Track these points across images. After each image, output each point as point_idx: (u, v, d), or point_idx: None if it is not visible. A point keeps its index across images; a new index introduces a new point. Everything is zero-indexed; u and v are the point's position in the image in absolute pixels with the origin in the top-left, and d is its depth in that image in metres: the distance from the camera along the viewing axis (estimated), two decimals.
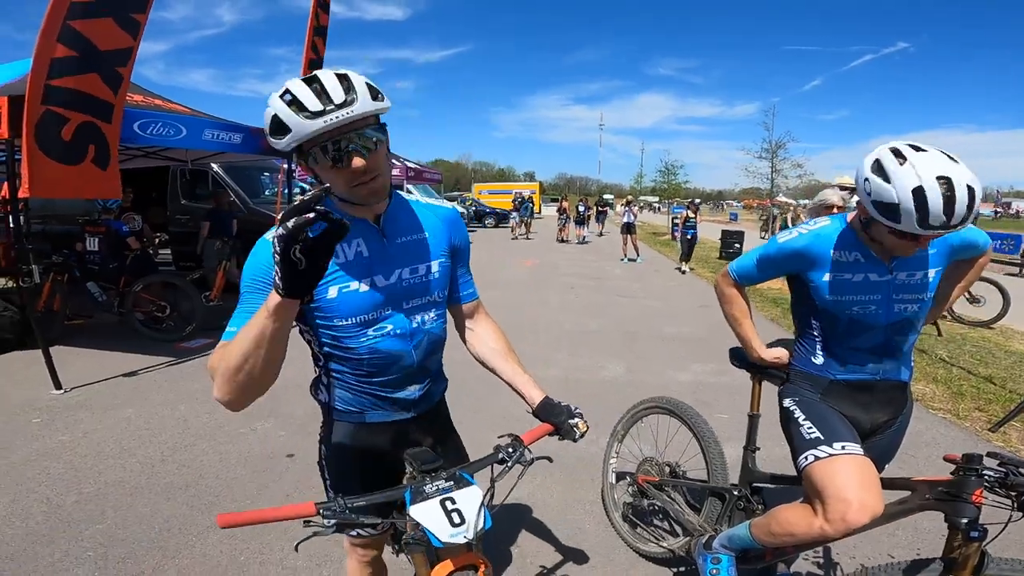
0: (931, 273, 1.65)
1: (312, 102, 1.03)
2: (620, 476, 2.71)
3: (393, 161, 13.38)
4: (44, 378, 4.32)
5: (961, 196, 1.32)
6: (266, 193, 9.08)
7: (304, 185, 9.73)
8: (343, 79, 1.06)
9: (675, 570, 2.36)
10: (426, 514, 1.07)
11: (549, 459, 1.35)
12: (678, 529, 2.47)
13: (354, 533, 1.43)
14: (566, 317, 7.34)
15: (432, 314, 1.32)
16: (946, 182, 1.33)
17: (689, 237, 12.67)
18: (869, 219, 1.53)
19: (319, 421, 1.48)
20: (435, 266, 1.31)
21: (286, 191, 7.54)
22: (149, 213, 8.04)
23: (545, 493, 2.97)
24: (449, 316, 1.46)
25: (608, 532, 2.62)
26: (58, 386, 4.32)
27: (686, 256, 12.84)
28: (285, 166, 7.38)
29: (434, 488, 1.11)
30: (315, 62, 6.80)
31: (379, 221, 1.24)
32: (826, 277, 1.67)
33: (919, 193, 1.33)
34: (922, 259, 1.64)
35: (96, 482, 3.02)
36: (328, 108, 1.03)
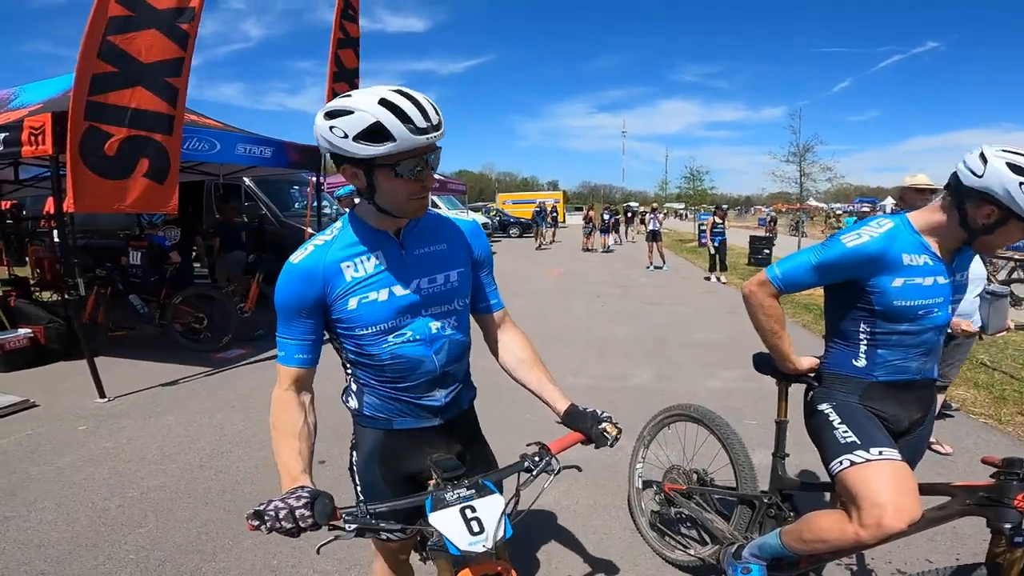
0: (968, 273, 1.68)
1: (419, 118, 1.10)
2: (647, 484, 2.68)
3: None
4: (89, 387, 4.51)
5: None
6: (295, 207, 9.33)
7: (329, 199, 9.93)
8: (432, 103, 1.14)
9: None
10: (445, 522, 1.07)
11: (578, 468, 1.33)
12: (707, 537, 2.44)
13: (383, 537, 1.46)
14: (593, 325, 7.32)
15: (453, 321, 1.35)
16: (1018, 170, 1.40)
17: (717, 245, 11.96)
18: (997, 222, 1.48)
19: (346, 429, 1.52)
20: (454, 275, 1.34)
21: (315, 204, 7.72)
22: (186, 227, 8.33)
23: (571, 499, 2.97)
24: (477, 326, 1.49)
25: (634, 538, 2.60)
26: (102, 395, 4.50)
27: (719, 265, 12.04)
28: (314, 179, 7.55)
29: (455, 496, 1.12)
30: (340, 74, 6.77)
31: (399, 234, 1.29)
32: (897, 282, 1.59)
33: None
34: (969, 257, 1.66)
35: (139, 487, 3.14)
36: (429, 127, 1.11)
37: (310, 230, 7.56)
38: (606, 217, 20.16)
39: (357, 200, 1.47)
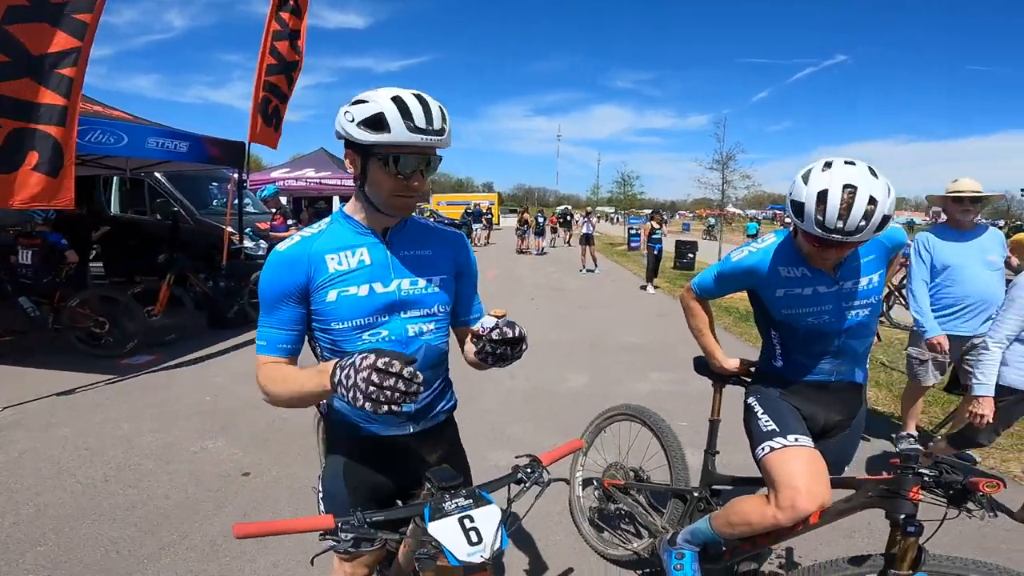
0: (875, 278, 1.75)
1: (420, 118, 1.16)
2: (587, 483, 2.74)
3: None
4: None
5: (859, 205, 1.41)
6: (214, 204, 8.77)
7: (252, 195, 9.42)
8: (442, 111, 1.21)
9: (640, 572, 2.40)
10: (445, 531, 1.07)
11: (567, 481, 1.35)
12: (643, 531, 2.51)
13: (378, 546, 1.41)
14: (529, 328, 7.32)
15: (431, 326, 1.35)
16: (851, 190, 1.42)
17: (656, 252, 11.53)
18: (795, 226, 1.61)
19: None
20: (436, 281, 1.36)
21: (236, 202, 7.28)
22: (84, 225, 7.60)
23: (515, 508, 2.96)
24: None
25: (578, 543, 2.64)
26: None
27: (652, 273, 11.64)
28: (235, 176, 7.11)
29: (453, 505, 1.11)
30: (278, 67, 6.47)
31: (386, 234, 1.32)
32: (779, 293, 1.76)
33: (822, 195, 1.44)
34: (864, 266, 1.73)
35: (34, 504, 2.86)
36: (428, 129, 1.16)
37: (230, 229, 7.14)
38: (540, 220, 20.44)
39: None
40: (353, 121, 1.17)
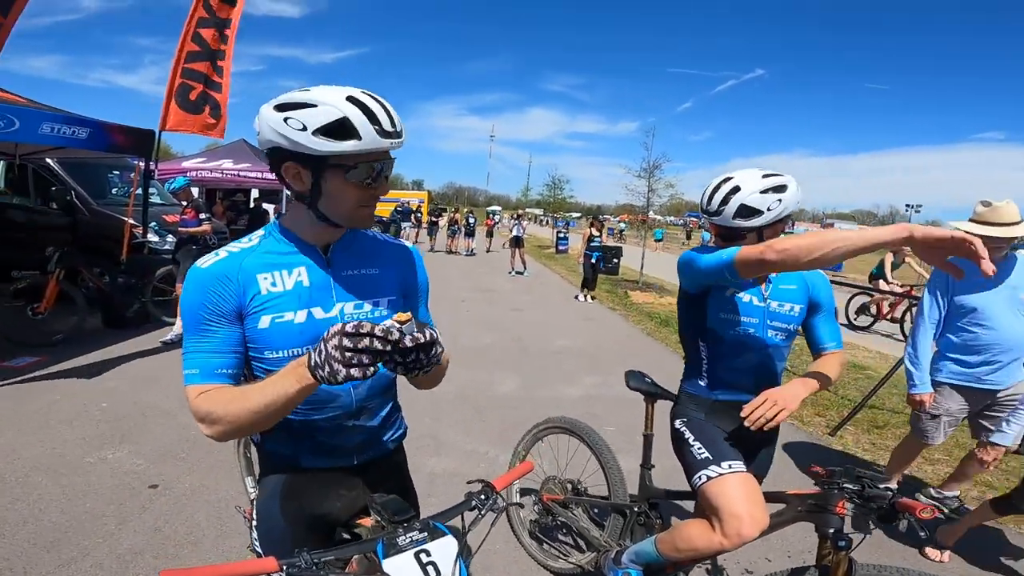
0: (796, 308, 1.86)
1: (386, 122, 1.06)
2: (524, 493, 2.71)
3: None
4: None
5: (726, 188, 1.77)
6: (114, 193, 8.00)
7: (159, 186, 8.67)
8: (393, 110, 1.09)
9: None
10: (401, 569, 1.01)
11: (521, 504, 1.29)
12: (583, 544, 2.52)
13: None
14: (460, 331, 7.29)
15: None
16: (727, 181, 1.77)
17: (594, 261, 10.88)
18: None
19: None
20: (384, 303, 1.23)
21: (140, 192, 6.67)
22: None
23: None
24: None
25: (518, 552, 2.61)
26: None
27: (590, 282, 10.94)
28: (141, 165, 6.52)
29: (408, 540, 1.05)
30: (201, 55, 6.23)
31: (328, 251, 1.18)
32: (728, 292, 1.83)
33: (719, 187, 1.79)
34: (788, 292, 1.85)
35: None
36: (394, 132, 1.07)
37: (132, 221, 6.53)
38: (471, 220, 20.36)
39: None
40: (305, 130, 1.02)
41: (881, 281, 9.07)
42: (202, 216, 6.11)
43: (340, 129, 1.02)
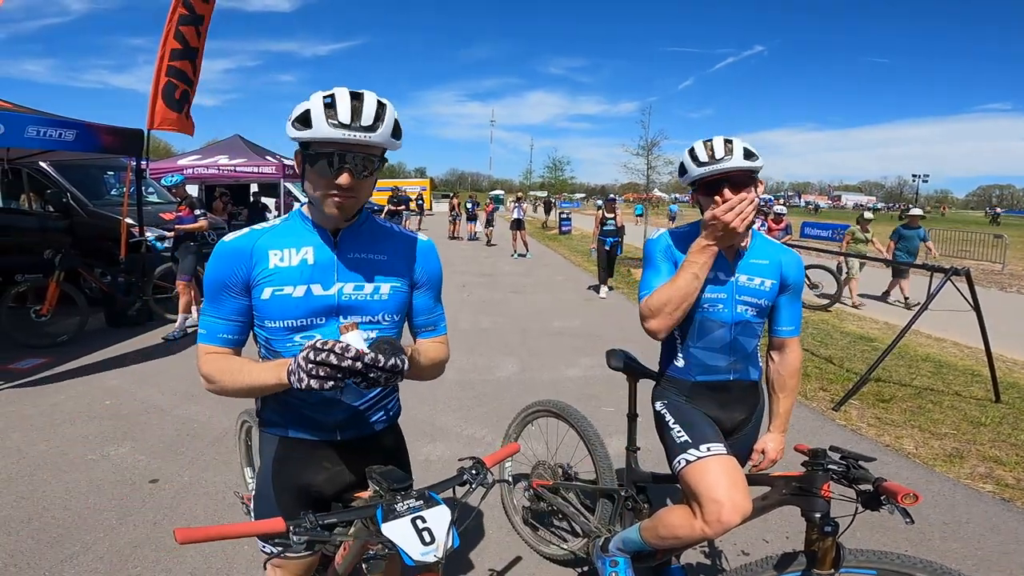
0: (767, 283, 1.76)
1: (344, 115, 1.13)
2: (517, 479, 2.71)
3: (268, 159, 12.43)
4: None
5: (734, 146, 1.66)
6: (112, 194, 8.00)
7: (155, 185, 8.64)
8: (381, 107, 1.16)
9: (578, 571, 2.40)
10: (398, 532, 1.08)
11: (508, 481, 1.31)
12: (576, 529, 2.52)
13: (335, 545, 1.34)
14: (460, 316, 7.29)
15: (372, 334, 1.24)
16: (705, 143, 1.68)
17: (608, 247, 9.31)
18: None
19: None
20: (386, 288, 1.30)
21: (134, 192, 6.65)
22: None
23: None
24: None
25: (512, 536, 2.62)
26: None
27: (606, 272, 9.46)
28: (133, 164, 6.50)
29: (405, 507, 1.12)
30: (183, 52, 6.16)
31: (337, 234, 1.28)
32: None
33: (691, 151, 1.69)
34: (758, 267, 1.76)
35: None
36: (353, 125, 1.13)
37: (129, 220, 6.53)
38: (470, 206, 20.25)
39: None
40: (290, 120, 1.18)
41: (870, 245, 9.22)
42: (197, 212, 6.11)
43: (304, 119, 1.14)
